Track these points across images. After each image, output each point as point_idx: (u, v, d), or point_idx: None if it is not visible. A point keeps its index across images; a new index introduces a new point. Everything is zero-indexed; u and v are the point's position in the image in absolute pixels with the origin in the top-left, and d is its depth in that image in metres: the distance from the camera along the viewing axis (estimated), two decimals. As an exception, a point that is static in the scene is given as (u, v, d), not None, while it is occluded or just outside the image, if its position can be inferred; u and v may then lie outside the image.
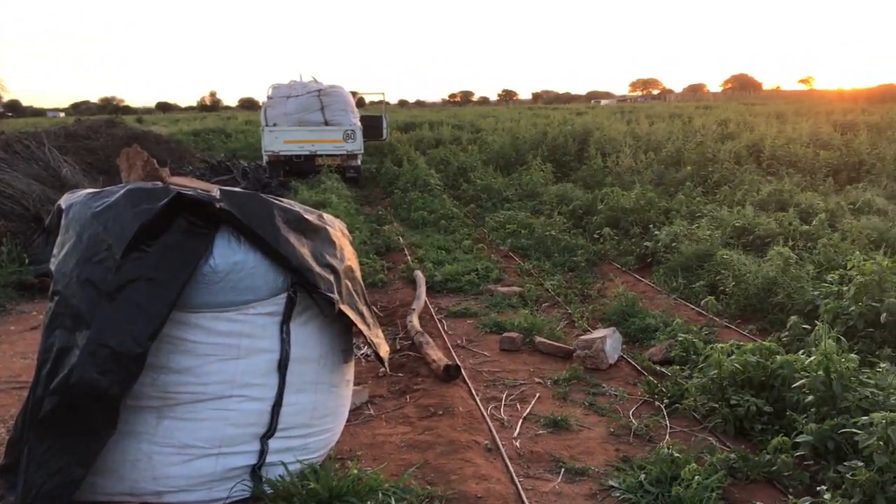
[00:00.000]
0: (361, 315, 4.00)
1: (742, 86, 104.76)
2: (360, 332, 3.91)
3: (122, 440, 3.32)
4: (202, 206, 3.36)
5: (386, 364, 4.34)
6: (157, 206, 3.30)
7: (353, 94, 19.49)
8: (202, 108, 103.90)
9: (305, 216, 3.69)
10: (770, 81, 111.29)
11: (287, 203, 3.71)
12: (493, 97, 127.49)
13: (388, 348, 4.45)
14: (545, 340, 6.14)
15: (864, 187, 11.68)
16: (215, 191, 3.50)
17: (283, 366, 3.55)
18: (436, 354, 5.68)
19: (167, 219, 3.31)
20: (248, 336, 3.48)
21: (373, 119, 20.39)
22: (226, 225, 3.43)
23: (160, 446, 3.41)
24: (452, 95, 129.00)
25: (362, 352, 5.80)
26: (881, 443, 3.45)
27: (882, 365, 4.51)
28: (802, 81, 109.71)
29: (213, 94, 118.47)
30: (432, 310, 7.26)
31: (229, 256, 3.41)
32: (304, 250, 3.55)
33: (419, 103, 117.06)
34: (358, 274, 4.15)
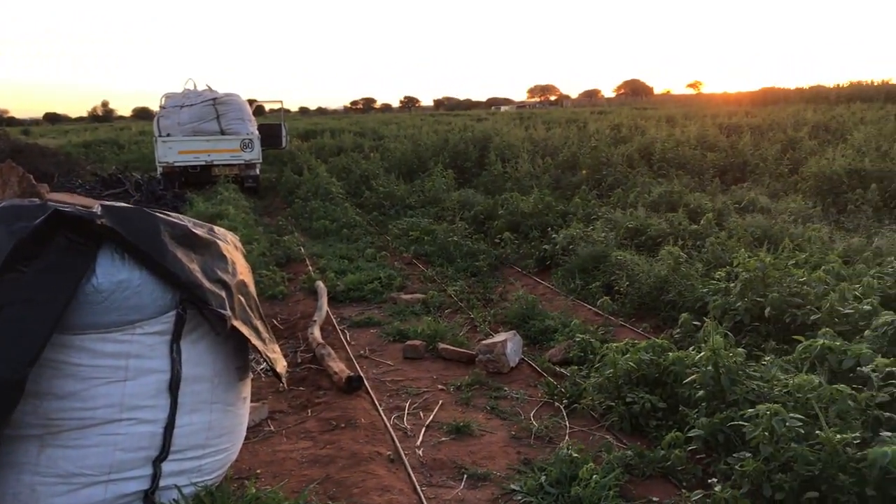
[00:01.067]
0: (256, 330, 3.90)
1: (634, 91, 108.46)
2: (256, 347, 3.81)
3: (1, 472, 3.12)
4: (82, 222, 3.20)
5: (283, 380, 4.24)
6: (34, 225, 3.12)
7: (251, 102, 19.11)
8: (94, 118, 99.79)
9: (194, 230, 3.57)
10: (661, 86, 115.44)
11: (175, 217, 3.57)
12: (396, 104, 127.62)
13: (285, 363, 4.35)
14: (448, 347, 6.16)
15: (748, 187, 12.25)
16: (97, 206, 3.35)
17: (174, 386, 3.41)
18: (338, 366, 5.61)
19: (45, 237, 3.14)
20: (136, 357, 3.33)
21: (271, 127, 20.05)
22: (109, 242, 3.27)
23: (44, 476, 3.22)
24: (354, 102, 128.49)
25: (261, 367, 5.67)
26: (766, 433, 3.59)
27: (766, 358, 4.71)
28: (691, 86, 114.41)
29: (105, 104, 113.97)
30: (335, 320, 7.17)
31: (113, 275, 3.26)
32: (194, 266, 3.43)
33: (321, 111, 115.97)
34: (252, 288, 4.04)
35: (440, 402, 5.15)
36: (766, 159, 14.08)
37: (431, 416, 4.87)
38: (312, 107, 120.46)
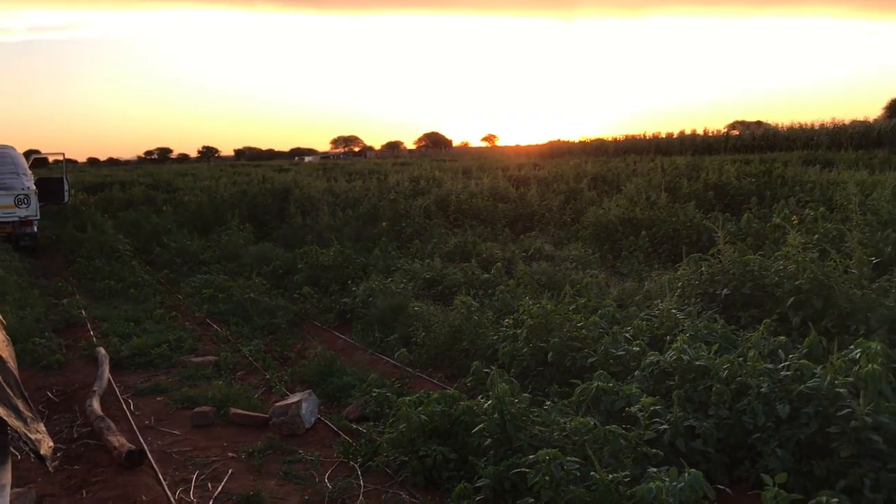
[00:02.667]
0: (16, 409, 3.52)
1: (434, 143, 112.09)
2: (16, 429, 3.44)
3: None
4: None
5: (48, 462, 3.86)
6: None
7: (29, 154, 17.70)
8: None
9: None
10: (459, 139, 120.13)
11: None
12: (194, 154, 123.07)
13: (51, 444, 3.95)
14: (240, 411, 5.91)
15: (535, 235, 12.96)
16: None
17: None
18: (118, 440, 5.21)
19: None
20: None
21: (51, 181, 18.60)
22: None
23: None
24: (149, 152, 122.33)
25: (30, 447, 5.14)
26: (546, 478, 3.74)
27: (547, 403, 4.93)
28: (486, 139, 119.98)
29: None
30: (117, 389, 6.68)
31: None
32: (-69, 345, 3.06)
33: (112, 161, 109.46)
34: (12, 363, 3.66)
35: (230, 471, 4.91)
36: (551, 209, 14.99)
37: (220, 488, 4.63)
38: (103, 157, 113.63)
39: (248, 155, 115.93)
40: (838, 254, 6.78)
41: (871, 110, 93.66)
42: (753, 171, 16.29)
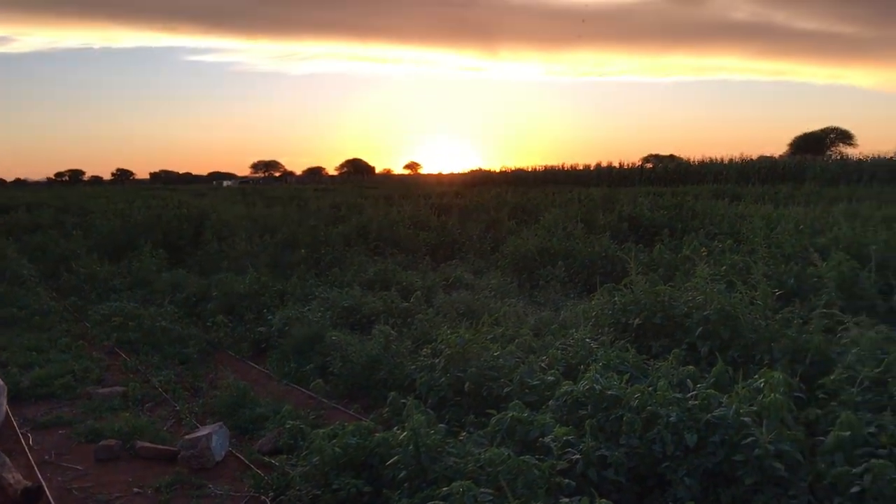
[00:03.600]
0: None
1: (357, 169, 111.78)
2: None
3: None
4: None
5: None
6: None
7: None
8: None
9: None
10: (381, 165, 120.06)
11: None
12: (107, 176, 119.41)
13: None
14: (147, 444, 5.69)
15: (455, 264, 13.03)
16: None
17: None
18: (14, 477, 4.94)
19: None
20: None
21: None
22: None
23: None
24: (60, 174, 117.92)
25: (-86, 487, 4.82)
26: (460, 510, 3.72)
27: (463, 434, 4.92)
28: (408, 167, 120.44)
29: None
30: (15, 423, 6.35)
31: None
32: None
33: (19, 182, 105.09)
34: None
35: (134, 508, 4.71)
36: (472, 238, 15.12)
37: (123, 526, 4.43)
38: (9, 178, 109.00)
39: (164, 178, 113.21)
40: (744, 285, 7.05)
41: (777, 147, 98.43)
42: (666, 203, 16.86)
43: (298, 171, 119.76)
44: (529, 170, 61.72)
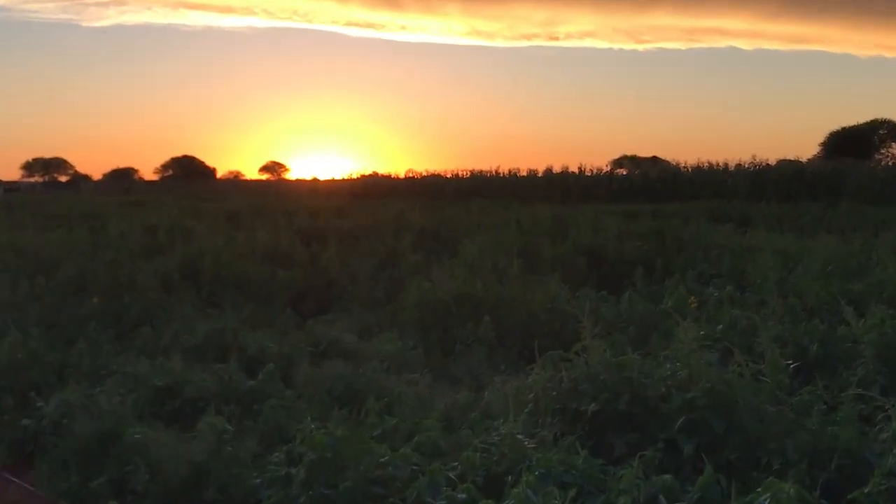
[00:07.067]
0: None
1: (189, 172, 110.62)
2: None
3: None
4: None
5: None
6: None
7: None
8: None
9: None
10: (227, 167, 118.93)
11: None
12: None
13: None
14: None
15: (331, 319, 13.00)
16: None
17: None
18: None
19: None
20: None
21: None
22: None
23: None
24: None
25: None
26: None
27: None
28: (268, 170, 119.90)
29: None
30: None
31: None
32: None
33: None
34: None
35: None
36: (357, 280, 15.13)
37: None
38: None
39: None
40: (748, 354, 7.23)
41: (805, 148, 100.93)
42: (642, 229, 17.30)
43: (97, 175, 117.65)
44: (448, 176, 62.37)
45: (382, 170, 72.18)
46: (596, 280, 13.82)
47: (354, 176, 71.97)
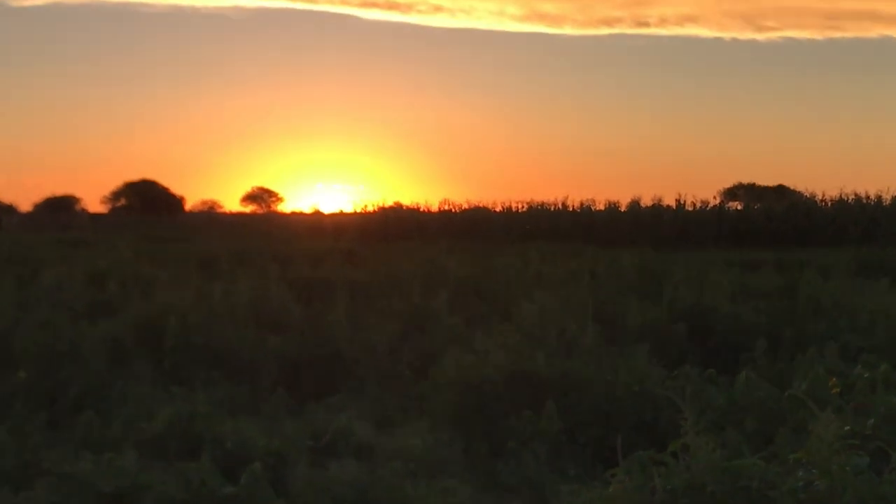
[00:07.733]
0: None
1: (146, 203, 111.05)
2: None
3: None
4: None
5: None
6: None
7: None
8: None
9: None
10: (197, 195, 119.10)
11: None
12: None
13: None
14: None
15: (339, 403, 12.97)
16: None
17: None
18: None
19: None
20: None
21: None
22: None
23: None
24: None
25: None
26: None
27: None
28: (254, 200, 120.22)
29: None
30: None
31: None
32: None
33: None
34: None
35: None
36: (375, 350, 15.09)
37: None
38: None
39: None
40: (908, 457, 7.16)
41: None
42: (764, 285, 17.17)
43: (25, 206, 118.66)
44: (497, 209, 62.29)
45: (408, 200, 71.76)
46: (701, 355, 13.74)
47: (370, 208, 71.72)
